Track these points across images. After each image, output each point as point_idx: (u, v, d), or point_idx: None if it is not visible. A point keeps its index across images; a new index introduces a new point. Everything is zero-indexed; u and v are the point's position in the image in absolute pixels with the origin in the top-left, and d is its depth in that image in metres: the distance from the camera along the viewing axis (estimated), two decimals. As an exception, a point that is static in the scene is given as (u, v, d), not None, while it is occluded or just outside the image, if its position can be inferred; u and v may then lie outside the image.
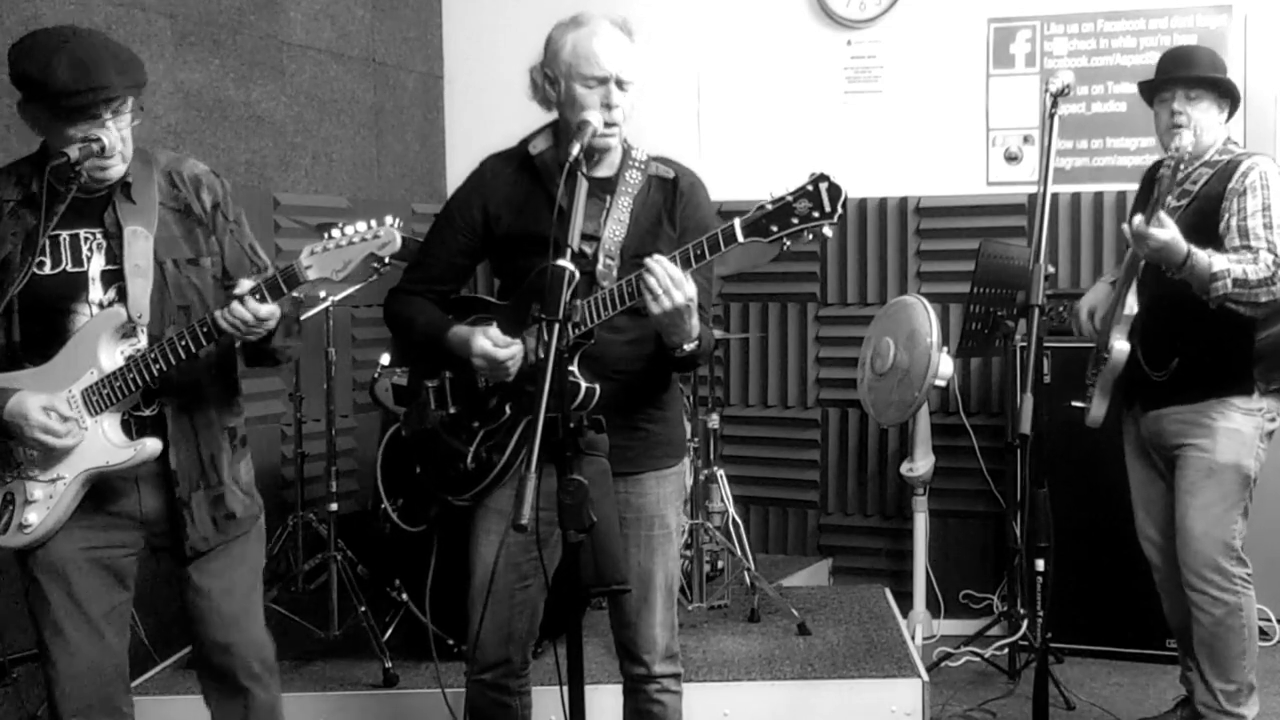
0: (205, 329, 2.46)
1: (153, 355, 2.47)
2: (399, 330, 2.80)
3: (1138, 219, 3.19)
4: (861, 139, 5.10)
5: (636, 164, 2.64)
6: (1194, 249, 3.18)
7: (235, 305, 2.42)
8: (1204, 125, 3.37)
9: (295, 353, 2.72)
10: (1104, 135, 4.90)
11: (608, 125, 2.52)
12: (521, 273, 2.60)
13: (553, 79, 2.58)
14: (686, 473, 3.53)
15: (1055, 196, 4.83)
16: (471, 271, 2.80)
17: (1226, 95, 3.41)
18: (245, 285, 2.44)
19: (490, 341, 2.52)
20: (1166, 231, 3.14)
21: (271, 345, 2.58)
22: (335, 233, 2.41)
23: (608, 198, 2.60)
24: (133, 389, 2.50)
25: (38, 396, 2.50)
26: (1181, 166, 3.27)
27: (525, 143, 2.68)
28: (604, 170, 2.63)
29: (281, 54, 4.71)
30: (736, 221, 2.31)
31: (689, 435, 4.08)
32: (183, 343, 2.46)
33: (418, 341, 2.73)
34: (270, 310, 2.45)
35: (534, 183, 2.62)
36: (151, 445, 2.53)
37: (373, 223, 2.41)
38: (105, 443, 2.51)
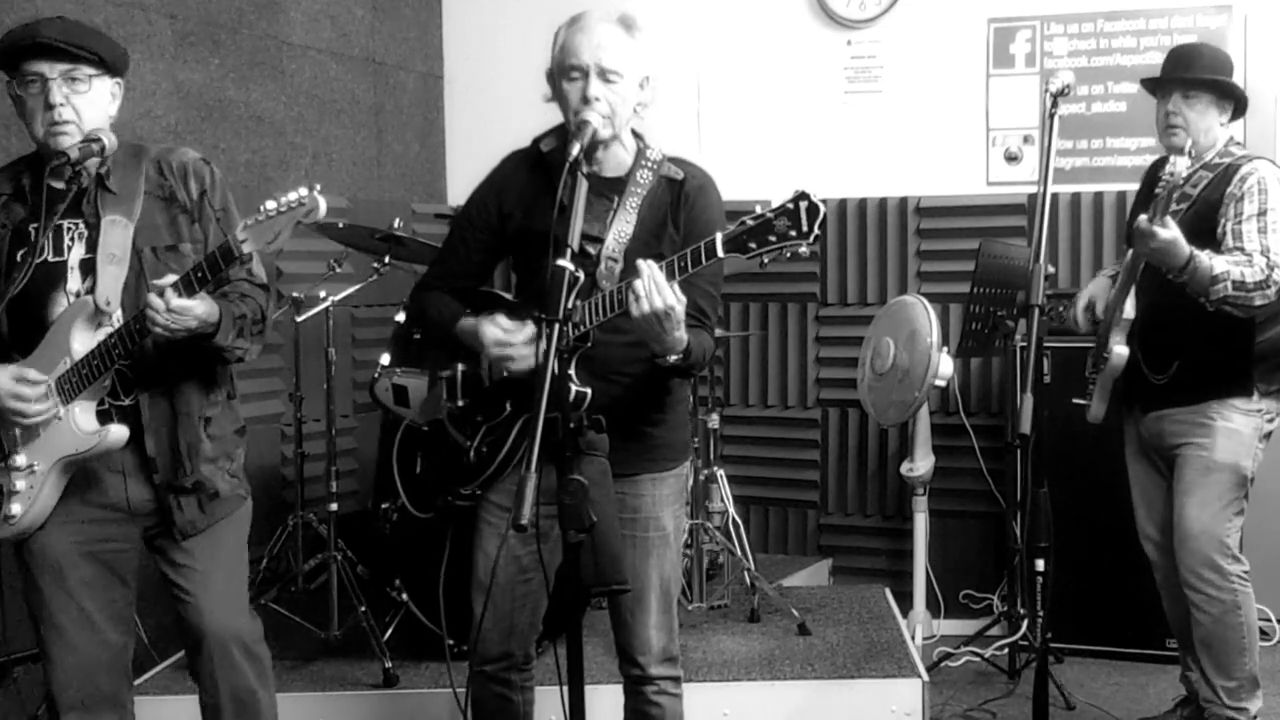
0: (136, 325, 2.45)
1: (112, 341, 2.48)
2: (419, 322, 2.83)
3: (1143, 217, 3.19)
4: (861, 139, 5.10)
5: (649, 164, 2.63)
6: (1196, 251, 3.19)
7: (151, 295, 2.40)
8: (1201, 127, 3.38)
9: (250, 355, 2.66)
10: (1104, 135, 4.90)
11: (603, 117, 2.50)
12: (532, 270, 2.61)
13: (552, 79, 2.59)
14: (688, 475, 3.53)
15: (1055, 196, 4.83)
16: (492, 268, 2.79)
17: (1228, 96, 3.41)
18: (168, 279, 2.42)
19: (500, 330, 2.53)
20: (1169, 231, 3.14)
21: (214, 343, 2.54)
22: (268, 204, 2.38)
23: (615, 198, 2.59)
24: (97, 374, 2.51)
25: (8, 368, 2.53)
26: (1180, 180, 3.27)
27: (538, 141, 2.68)
28: (613, 170, 2.62)
29: (281, 54, 4.71)
30: (718, 236, 2.31)
31: (691, 436, 4.08)
32: (136, 327, 2.45)
33: (434, 332, 2.75)
34: (187, 304, 2.40)
35: (545, 182, 2.60)
36: (116, 432, 2.53)
37: (301, 190, 2.37)
38: (75, 429, 2.53)
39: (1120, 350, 3.40)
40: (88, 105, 2.53)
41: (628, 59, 2.52)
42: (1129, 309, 3.39)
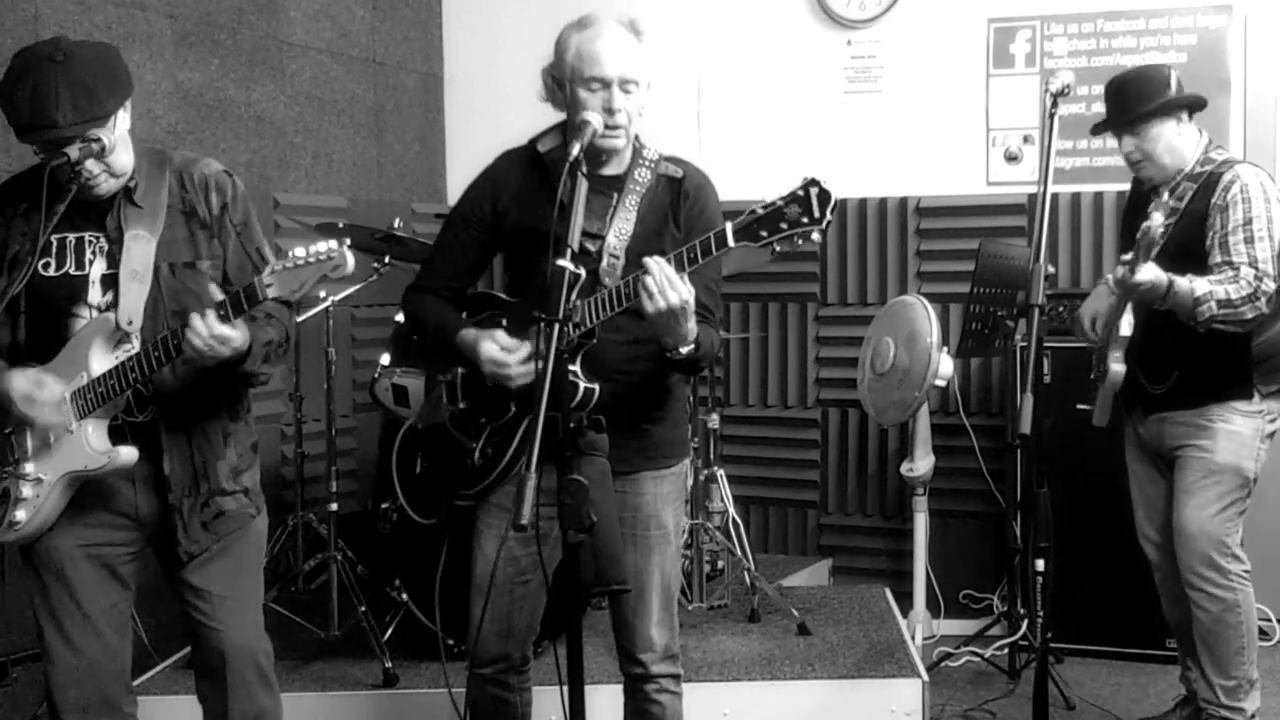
0: (173, 343, 2.43)
1: (131, 363, 2.47)
2: (414, 329, 2.82)
3: (1120, 270, 3.19)
4: (861, 139, 5.09)
5: (647, 162, 2.63)
6: (1175, 278, 3.20)
7: (195, 319, 2.39)
8: (1161, 149, 3.41)
9: (268, 378, 2.68)
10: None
11: (611, 128, 2.52)
12: (528, 268, 2.61)
13: (560, 81, 2.59)
14: (687, 473, 3.53)
15: (1055, 196, 4.83)
16: (485, 266, 2.79)
17: (1176, 108, 3.39)
18: (217, 295, 2.40)
19: (498, 347, 2.54)
20: (1147, 273, 3.15)
21: (243, 369, 2.53)
22: (298, 251, 2.36)
23: (615, 196, 2.59)
24: (114, 394, 2.50)
25: (28, 371, 2.51)
26: (1158, 237, 3.23)
27: (535, 141, 2.68)
28: (612, 168, 2.62)
29: (281, 54, 4.71)
30: (728, 225, 2.31)
31: (690, 435, 4.08)
32: (156, 354, 2.45)
33: (430, 341, 2.75)
34: (228, 333, 2.39)
35: (542, 180, 2.61)
36: (125, 454, 2.52)
37: (332, 244, 2.35)
38: (86, 447, 2.52)
39: (1117, 369, 3.40)
40: (116, 154, 2.48)
41: (644, 68, 2.55)
42: (1126, 326, 3.38)
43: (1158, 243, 3.09)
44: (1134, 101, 3.42)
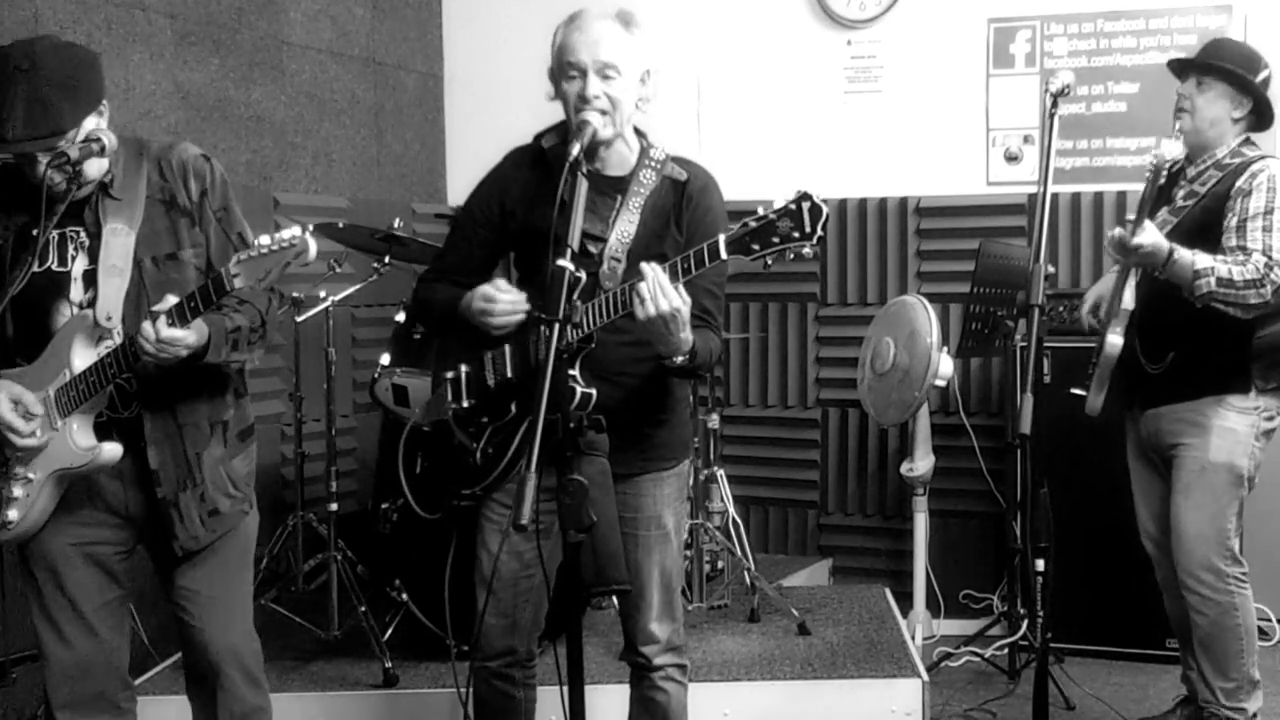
0: (131, 349, 2.42)
1: (109, 359, 2.47)
2: (422, 314, 2.82)
3: (1119, 230, 3.19)
4: (861, 139, 5.10)
5: (653, 164, 2.63)
6: (1176, 246, 3.18)
7: (145, 324, 2.38)
8: (1208, 116, 3.36)
9: (252, 361, 2.65)
10: (1104, 135, 4.90)
11: (602, 114, 2.50)
12: (533, 267, 2.61)
13: (553, 78, 2.59)
14: (688, 472, 3.52)
15: (1055, 196, 4.83)
16: (493, 264, 2.78)
17: (1245, 92, 3.37)
18: (166, 303, 2.39)
19: (494, 288, 2.53)
20: (1148, 235, 3.14)
21: (205, 361, 2.50)
22: (263, 240, 2.34)
23: (619, 197, 2.59)
24: (95, 390, 2.49)
25: (12, 389, 2.51)
26: (1164, 170, 3.24)
27: (540, 137, 2.68)
28: (617, 169, 2.62)
29: (281, 54, 4.71)
30: (721, 238, 2.31)
31: (690, 435, 4.07)
32: (132, 349, 2.43)
33: (437, 319, 2.75)
34: (177, 334, 2.38)
35: (546, 178, 2.60)
36: (109, 450, 2.52)
37: (295, 230, 2.33)
38: (71, 444, 2.52)
39: (1114, 340, 3.38)
40: (92, 161, 2.47)
41: (626, 54, 2.52)
42: (1129, 299, 3.37)
43: (1165, 168, 3.09)
44: (1221, 55, 3.41)
